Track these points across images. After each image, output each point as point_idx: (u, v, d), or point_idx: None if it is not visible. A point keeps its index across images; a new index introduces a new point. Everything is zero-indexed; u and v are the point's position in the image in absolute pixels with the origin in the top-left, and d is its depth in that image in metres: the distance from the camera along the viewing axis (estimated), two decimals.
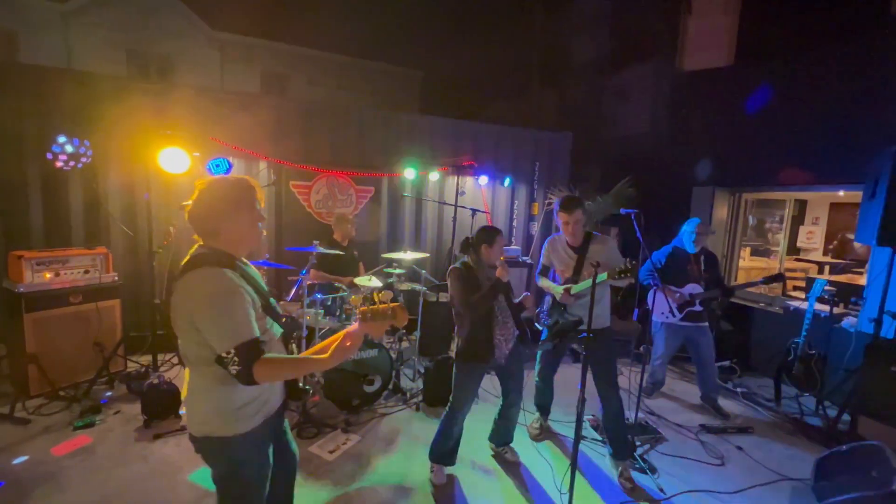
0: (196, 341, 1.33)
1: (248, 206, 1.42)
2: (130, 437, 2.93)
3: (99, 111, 3.64)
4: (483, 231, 2.61)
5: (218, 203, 1.39)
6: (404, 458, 2.88)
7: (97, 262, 3.65)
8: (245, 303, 1.33)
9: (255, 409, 1.43)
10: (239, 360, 1.27)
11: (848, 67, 4.18)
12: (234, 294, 1.32)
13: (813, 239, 7.63)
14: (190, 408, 1.43)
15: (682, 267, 3.64)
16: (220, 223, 1.39)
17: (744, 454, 3.13)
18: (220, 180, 1.43)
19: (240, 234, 1.42)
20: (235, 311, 1.30)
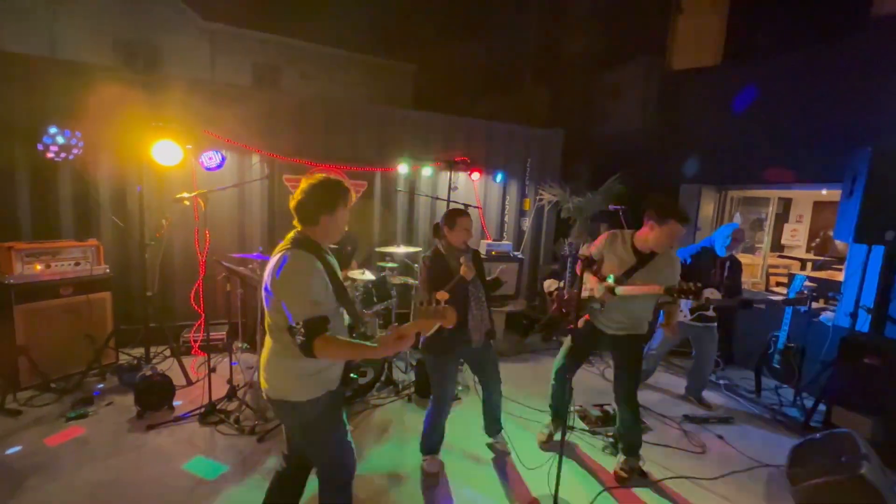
0: (277, 310, 1.55)
1: (344, 205, 1.69)
2: (123, 428, 2.95)
3: (91, 102, 3.60)
4: (446, 214, 2.60)
5: (325, 197, 1.64)
6: (396, 448, 2.94)
7: (88, 254, 3.64)
8: (320, 285, 1.56)
9: (318, 380, 1.64)
10: (304, 332, 1.47)
11: (829, 68, 4.30)
12: (312, 275, 1.55)
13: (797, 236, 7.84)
14: (267, 372, 1.67)
15: (707, 269, 3.56)
16: (321, 215, 1.63)
17: (724, 443, 3.25)
18: (329, 179, 1.68)
19: (333, 227, 1.68)
20: (310, 290, 1.52)
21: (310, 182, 1.66)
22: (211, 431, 2.96)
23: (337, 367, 1.72)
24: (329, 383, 1.69)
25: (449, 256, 2.58)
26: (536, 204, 5.92)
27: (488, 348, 2.75)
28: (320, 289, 1.56)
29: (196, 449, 2.76)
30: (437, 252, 2.60)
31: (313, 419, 1.67)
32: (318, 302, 1.52)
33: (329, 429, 1.73)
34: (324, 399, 1.67)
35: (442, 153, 5.25)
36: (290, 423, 1.75)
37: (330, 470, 1.78)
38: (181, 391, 3.43)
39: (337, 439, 1.76)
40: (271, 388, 1.66)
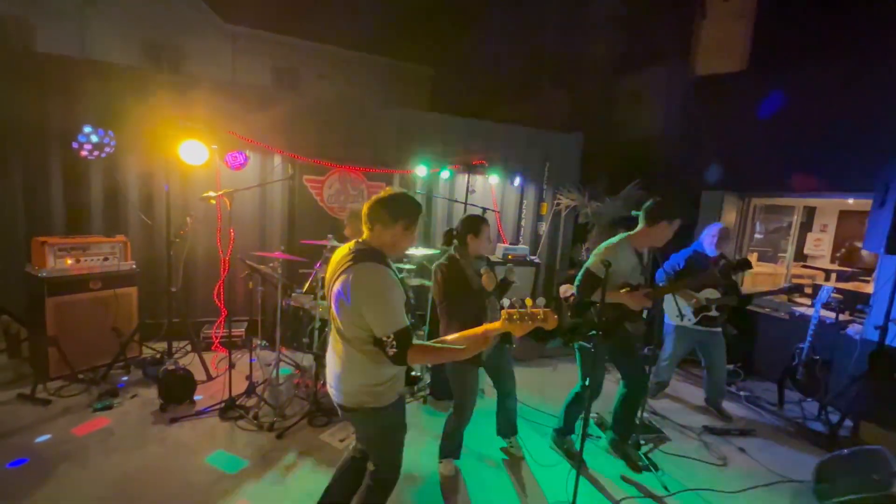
0: (358, 325, 1.58)
1: (414, 223, 1.71)
2: (147, 420, 3.02)
3: (122, 102, 3.72)
4: (468, 220, 2.54)
5: (402, 211, 1.66)
6: (412, 449, 2.91)
7: (116, 249, 3.74)
8: (401, 296, 1.59)
9: (394, 385, 1.72)
10: (396, 343, 1.52)
11: (860, 75, 4.19)
12: (394, 288, 1.58)
13: (821, 246, 7.64)
14: (343, 383, 1.70)
15: (703, 270, 3.53)
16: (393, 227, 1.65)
17: (746, 456, 3.18)
18: (407, 196, 1.72)
19: (403, 242, 1.71)
20: (395, 303, 1.55)
21: (390, 192, 1.69)
22: (231, 426, 3.01)
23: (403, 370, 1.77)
24: (401, 386, 1.78)
25: (465, 264, 2.52)
26: (554, 208, 5.88)
27: (503, 354, 2.74)
28: (400, 301, 1.58)
29: (217, 443, 2.81)
30: (454, 259, 2.52)
31: (392, 422, 1.77)
32: (402, 312, 1.56)
33: (402, 429, 1.84)
34: (400, 402, 1.78)
35: (460, 156, 5.26)
36: (371, 429, 1.80)
37: (387, 469, 1.84)
38: (201, 386, 3.50)
39: (402, 441, 1.86)
40: (349, 397, 1.69)
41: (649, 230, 2.61)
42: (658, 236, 2.63)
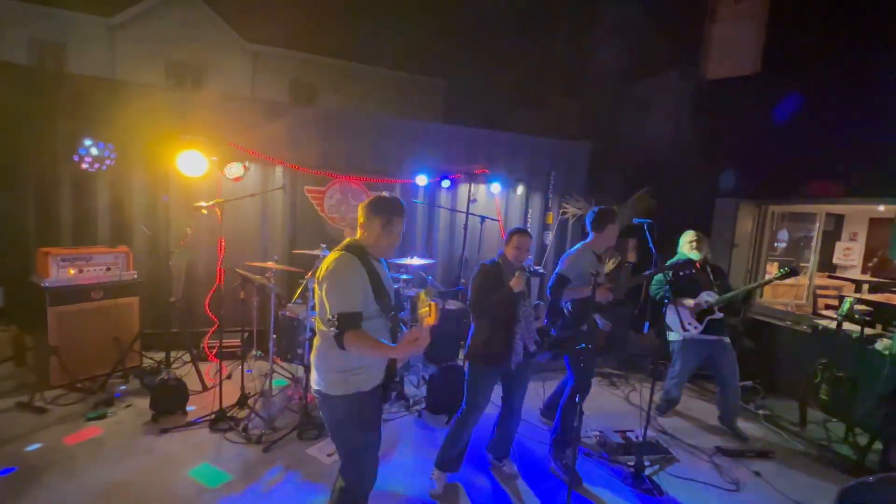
0: (322, 303, 1.71)
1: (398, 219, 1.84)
2: (138, 431, 3.01)
3: (124, 116, 3.83)
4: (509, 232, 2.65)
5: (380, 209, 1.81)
6: (402, 467, 2.84)
7: (118, 260, 3.81)
8: (357, 285, 1.70)
9: (350, 379, 1.73)
10: (338, 324, 1.62)
11: (884, 75, 3.96)
12: (355, 275, 1.71)
13: (850, 256, 7.20)
14: (314, 363, 1.82)
15: (690, 277, 3.53)
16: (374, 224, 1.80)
17: (762, 481, 2.94)
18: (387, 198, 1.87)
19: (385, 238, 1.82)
20: (351, 287, 1.69)
21: (375, 196, 1.87)
22: (220, 438, 2.98)
23: (373, 370, 1.78)
24: (361, 384, 1.76)
25: (505, 269, 2.56)
26: (559, 218, 5.75)
27: (524, 370, 2.65)
28: (357, 288, 1.69)
29: (203, 455, 2.78)
30: (497, 263, 2.59)
31: (342, 417, 1.78)
32: (353, 299, 1.66)
33: (356, 430, 1.80)
34: (355, 399, 1.75)
35: (464, 165, 5.21)
36: (325, 416, 1.83)
37: (348, 474, 1.85)
38: (196, 396, 3.49)
39: (362, 444, 1.83)
40: (315, 378, 1.80)
41: (600, 235, 2.96)
42: (609, 237, 2.98)
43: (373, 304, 1.74)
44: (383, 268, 1.90)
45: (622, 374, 4.68)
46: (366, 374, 1.76)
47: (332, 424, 1.82)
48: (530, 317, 2.57)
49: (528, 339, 2.55)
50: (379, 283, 1.78)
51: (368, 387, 1.78)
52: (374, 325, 1.75)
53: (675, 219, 5.17)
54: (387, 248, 1.86)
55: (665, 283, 3.45)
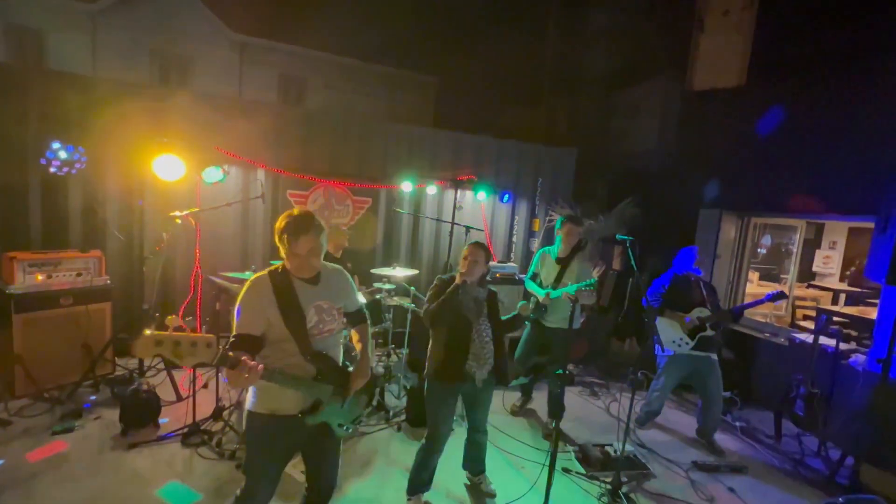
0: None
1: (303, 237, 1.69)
2: (106, 446, 2.92)
3: (99, 116, 3.69)
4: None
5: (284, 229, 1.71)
6: (378, 483, 2.80)
7: (90, 265, 3.69)
8: (250, 304, 1.68)
9: (262, 395, 1.74)
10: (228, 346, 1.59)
11: (862, 94, 4.01)
12: (247, 299, 1.68)
13: (829, 264, 7.36)
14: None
15: (687, 291, 3.54)
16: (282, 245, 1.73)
17: (735, 496, 2.98)
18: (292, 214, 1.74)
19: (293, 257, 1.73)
20: (240, 311, 1.67)
21: (289, 212, 1.75)
22: (191, 454, 2.90)
23: (288, 392, 1.70)
24: (272, 403, 1.72)
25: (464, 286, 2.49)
26: (546, 225, 5.74)
27: (488, 388, 2.60)
28: (251, 313, 1.67)
29: (173, 473, 2.70)
30: (453, 277, 2.52)
31: (250, 431, 1.80)
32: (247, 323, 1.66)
33: (254, 449, 1.81)
34: (263, 418, 1.73)
35: (450, 171, 5.16)
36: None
37: (243, 490, 1.82)
38: (169, 408, 3.40)
39: (258, 465, 1.80)
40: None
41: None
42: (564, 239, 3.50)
43: (282, 328, 1.68)
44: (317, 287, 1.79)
45: (603, 384, 4.70)
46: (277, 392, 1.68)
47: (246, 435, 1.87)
48: (485, 339, 2.47)
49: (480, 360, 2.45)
50: (290, 305, 1.70)
51: (284, 409, 1.73)
52: (283, 348, 1.70)
53: (659, 228, 5.22)
54: (302, 267, 1.74)
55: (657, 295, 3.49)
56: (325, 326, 1.80)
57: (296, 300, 1.72)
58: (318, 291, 1.80)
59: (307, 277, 1.77)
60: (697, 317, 3.43)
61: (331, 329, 1.83)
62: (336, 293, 1.88)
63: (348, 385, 1.85)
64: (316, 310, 1.77)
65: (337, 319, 1.87)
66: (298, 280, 1.76)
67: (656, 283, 3.65)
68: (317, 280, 1.80)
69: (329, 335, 1.82)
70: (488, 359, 2.50)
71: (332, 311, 1.84)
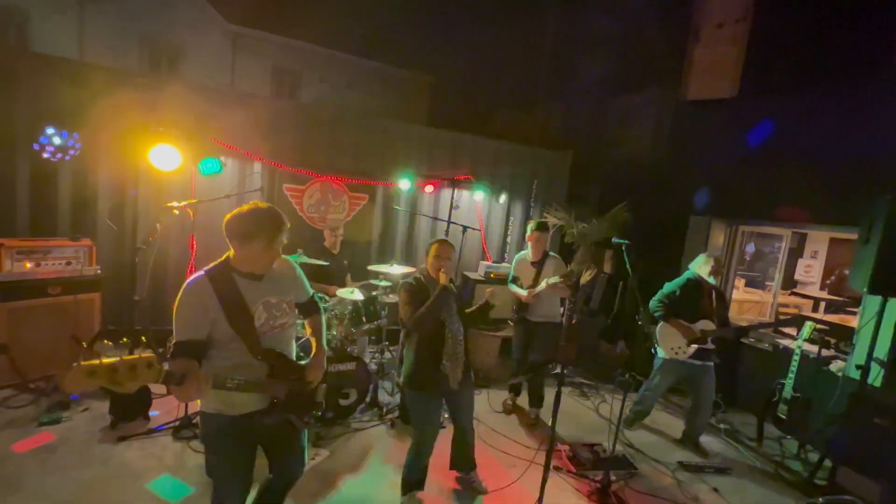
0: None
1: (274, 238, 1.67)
2: (94, 438, 2.88)
3: (93, 103, 3.62)
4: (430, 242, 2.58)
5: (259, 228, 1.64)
6: (372, 479, 2.82)
7: (80, 253, 3.61)
8: (188, 310, 1.57)
9: (216, 396, 1.63)
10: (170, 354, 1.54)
11: (850, 109, 4.14)
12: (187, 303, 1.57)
13: (811, 272, 7.59)
14: None
15: (697, 301, 3.50)
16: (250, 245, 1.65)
17: (718, 496, 3.06)
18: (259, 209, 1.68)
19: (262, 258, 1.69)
20: (179, 316, 1.57)
21: (248, 208, 1.67)
22: (183, 447, 2.87)
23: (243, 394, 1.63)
24: (226, 405, 1.66)
25: (430, 284, 2.48)
26: None
27: (467, 385, 2.60)
28: (189, 317, 1.57)
29: (164, 467, 2.67)
30: (419, 279, 2.50)
31: (203, 433, 1.75)
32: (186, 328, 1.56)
33: (212, 452, 1.74)
34: (217, 419, 1.67)
35: (447, 170, 5.18)
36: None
37: (213, 492, 1.78)
38: (160, 400, 3.36)
39: (218, 467, 1.74)
40: None
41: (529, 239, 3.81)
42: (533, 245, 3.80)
43: (227, 328, 1.59)
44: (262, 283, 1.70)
45: (592, 385, 4.78)
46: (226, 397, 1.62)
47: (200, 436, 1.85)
48: (458, 337, 2.46)
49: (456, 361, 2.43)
50: (235, 304, 1.61)
51: (233, 412, 1.66)
52: (231, 349, 1.61)
53: (650, 234, 5.31)
54: (256, 267, 1.68)
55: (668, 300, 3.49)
56: (276, 322, 1.72)
57: (241, 299, 1.63)
58: (264, 287, 1.71)
59: (252, 273, 1.68)
60: (701, 329, 3.43)
61: (283, 324, 1.75)
62: (284, 286, 1.79)
63: (304, 379, 1.79)
64: (264, 306, 1.69)
65: (289, 313, 1.79)
66: (241, 277, 1.65)
67: (668, 286, 3.62)
68: (261, 276, 1.71)
69: (282, 330, 1.75)
70: (461, 358, 2.48)
71: (282, 304, 1.75)
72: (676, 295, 3.54)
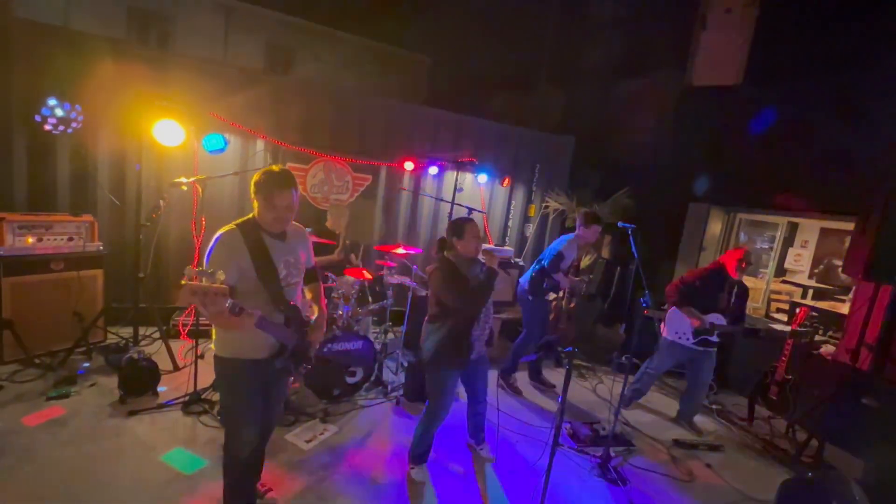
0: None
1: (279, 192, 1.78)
2: (105, 412, 2.90)
3: (93, 75, 3.52)
4: (451, 225, 2.60)
5: (257, 187, 1.80)
6: (379, 453, 2.89)
7: (82, 229, 3.57)
8: (223, 255, 1.72)
9: (230, 341, 1.83)
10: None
11: (849, 99, 4.19)
12: (220, 247, 1.74)
13: (800, 262, 7.76)
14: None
15: (716, 293, 3.53)
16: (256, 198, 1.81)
17: (712, 472, 3.20)
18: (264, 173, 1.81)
19: (267, 213, 1.81)
20: (213, 256, 1.72)
21: (268, 169, 1.83)
22: (193, 422, 2.91)
23: (256, 337, 1.79)
24: (241, 350, 1.83)
25: (460, 265, 2.52)
26: (542, 211, 5.83)
27: (484, 359, 2.70)
28: (222, 257, 1.72)
29: (176, 440, 2.71)
30: (449, 261, 2.52)
31: (221, 376, 1.93)
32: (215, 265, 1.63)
33: (225, 393, 1.95)
34: (229, 363, 1.84)
35: (450, 152, 5.16)
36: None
37: (226, 438, 1.95)
38: (167, 377, 3.38)
39: (231, 408, 1.93)
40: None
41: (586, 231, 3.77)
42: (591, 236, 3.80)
43: (254, 279, 1.77)
44: (285, 243, 1.91)
45: (590, 367, 4.89)
46: (241, 343, 1.82)
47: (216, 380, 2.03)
48: (489, 309, 2.62)
49: (483, 331, 2.60)
50: (263, 259, 1.79)
51: (248, 356, 1.84)
52: (256, 298, 1.77)
53: (650, 220, 5.37)
54: (274, 222, 1.83)
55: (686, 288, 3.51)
56: (292, 279, 1.93)
57: (267, 254, 1.81)
58: (285, 246, 1.91)
59: (276, 233, 1.86)
60: (711, 322, 3.49)
61: (296, 282, 1.97)
62: (300, 249, 2.00)
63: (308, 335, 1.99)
64: (285, 264, 1.89)
65: (301, 272, 2.00)
66: (268, 235, 1.84)
67: (691, 275, 3.62)
68: (284, 236, 1.91)
69: (295, 287, 1.97)
70: (486, 330, 2.61)
71: (299, 264, 1.97)
72: (696, 285, 3.54)
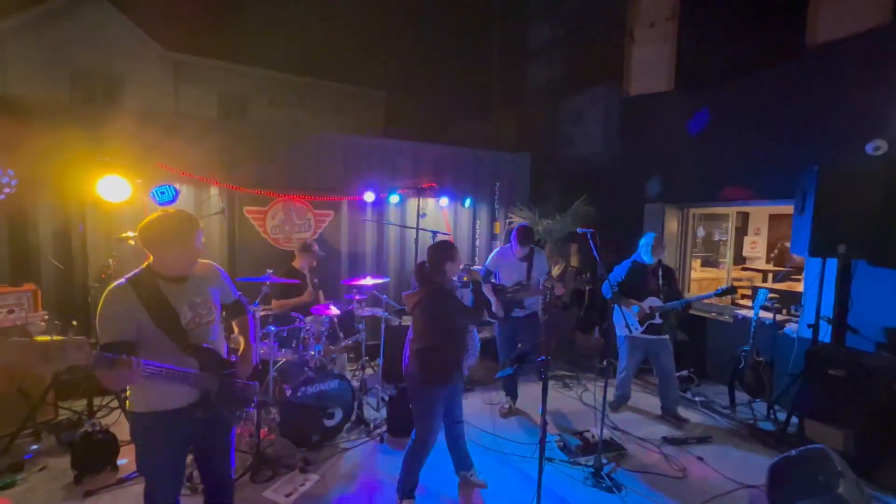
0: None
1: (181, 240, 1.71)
2: (58, 497, 2.63)
3: (28, 138, 3.38)
4: (439, 249, 2.57)
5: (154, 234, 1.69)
6: (365, 497, 2.74)
7: (23, 300, 3.33)
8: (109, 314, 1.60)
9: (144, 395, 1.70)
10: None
11: (774, 91, 4.54)
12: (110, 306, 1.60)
13: (756, 248, 8.17)
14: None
15: (642, 280, 3.77)
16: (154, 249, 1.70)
17: (704, 464, 3.20)
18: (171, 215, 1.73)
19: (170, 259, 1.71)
20: (101, 320, 1.60)
21: (155, 215, 1.72)
22: None
23: (172, 388, 1.68)
24: (158, 401, 1.70)
25: (452, 290, 2.56)
26: (506, 227, 5.92)
27: (460, 380, 2.67)
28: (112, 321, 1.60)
29: None
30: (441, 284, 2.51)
31: (135, 432, 1.75)
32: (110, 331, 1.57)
33: (144, 449, 1.75)
34: (147, 417, 1.70)
35: (410, 180, 5.21)
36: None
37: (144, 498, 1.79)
38: (127, 447, 3.11)
39: (152, 465, 1.76)
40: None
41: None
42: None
43: (152, 328, 1.64)
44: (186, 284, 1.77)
45: (573, 375, 4.88)
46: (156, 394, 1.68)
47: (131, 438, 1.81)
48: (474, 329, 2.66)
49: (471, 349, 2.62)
50: (160, 306, 1.66)
51: (165, 406, 1.70)
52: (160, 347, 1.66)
53: (610, 223, 5.56)
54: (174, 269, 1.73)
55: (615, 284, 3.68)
56: (202, 320, 1.79)
57: (165, 300, 1.68)
58: (188, 287, 1.77)
59: (175, 277, 1.74)
60: (650, 306, 3.70)
61: (210, 321, 1.83)
62: (209, 287, 1.86)
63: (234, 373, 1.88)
64: (190, 305, 1.76)
65: (214, 311, 1.86)
66: (165, 281, 1.71)
67: (617, 269, 3.89)
68: (184, 278, 1.77)
69: (208, 326, 1.82)
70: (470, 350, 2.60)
71: (208, 303, 1.83)
72: (622, 278, 3.80)
